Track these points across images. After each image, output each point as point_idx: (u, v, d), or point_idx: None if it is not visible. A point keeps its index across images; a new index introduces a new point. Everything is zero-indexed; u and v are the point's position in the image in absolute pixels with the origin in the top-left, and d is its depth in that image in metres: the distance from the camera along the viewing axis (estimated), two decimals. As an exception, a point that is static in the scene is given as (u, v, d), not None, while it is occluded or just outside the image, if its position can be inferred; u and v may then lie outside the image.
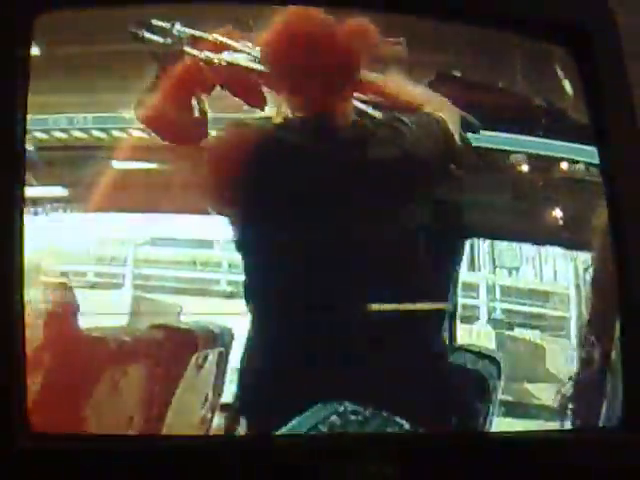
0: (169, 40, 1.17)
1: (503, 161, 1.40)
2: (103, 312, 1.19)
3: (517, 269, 1.51)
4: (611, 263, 1.14)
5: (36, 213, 1.18)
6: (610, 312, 1.19)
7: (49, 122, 1.20)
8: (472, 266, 1.46)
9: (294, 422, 1.07)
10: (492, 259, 1.49)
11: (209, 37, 1.18)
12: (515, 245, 1.48)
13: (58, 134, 1.21)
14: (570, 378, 1.29)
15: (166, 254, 1.26)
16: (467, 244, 1.43)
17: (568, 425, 1.31)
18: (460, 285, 1.40)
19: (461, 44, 1.32)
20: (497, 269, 1.49)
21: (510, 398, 1.36)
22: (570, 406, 1.29)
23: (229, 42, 1.18)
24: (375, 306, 1.26)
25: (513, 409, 1.36)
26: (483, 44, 1.30)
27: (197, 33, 1.18)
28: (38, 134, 1.19)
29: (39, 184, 1.19)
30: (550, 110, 1.37)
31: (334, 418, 1.08)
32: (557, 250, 1.45)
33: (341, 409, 1.09)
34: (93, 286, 1.23)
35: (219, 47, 1.18)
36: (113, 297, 1.24)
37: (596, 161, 1.18)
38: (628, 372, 1.13)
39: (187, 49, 1.17)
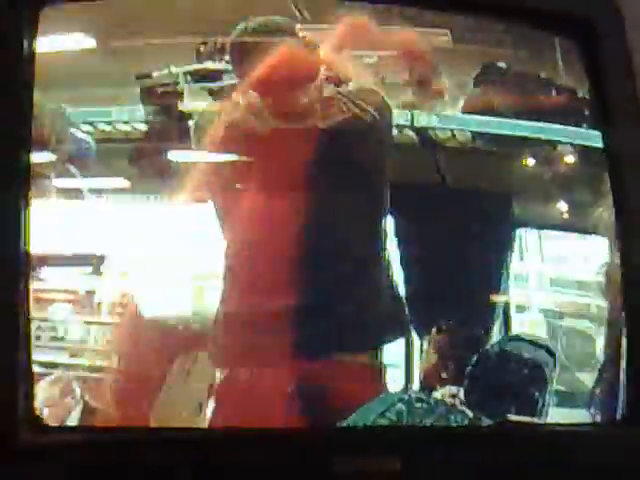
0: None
1: (549, 152, 1.40)
2: (169, 301, 1.21)
3: (565, 260, 1.51)
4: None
5: (99, 203, 1.20)
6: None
7: (112, 114, 1.22)
8: (521, 257, 1.47)
9: (362, 409, 1.09)
10: (540, 250, 1.50)
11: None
12: (563, 236, 1.49)
13: (121, 126, 1.23)
14: (613, 367, 1.30)
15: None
16: (517, 236, 1.45)
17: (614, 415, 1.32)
18: (512, 276, 1.41)
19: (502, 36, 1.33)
20: (546, 260, 1.50)
21: (562, 387, 1.37)
22: (614, 395, 1.29)
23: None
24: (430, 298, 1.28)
25: (565, 398, 1.36)
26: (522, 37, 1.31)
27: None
28: (102, 126, 1.21)
29: (105, 175, 1.21)
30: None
31: (400, 406, 1.09)
32: (603, 241, 1.46)
33: (406, 397, 1.10)
34: (158, 276, 1.25)
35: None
36: (178, 287, 1.26)
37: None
38: (631, 368, 1.14)
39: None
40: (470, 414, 1.11)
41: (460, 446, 1.03)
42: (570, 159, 1.40)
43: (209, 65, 1.25)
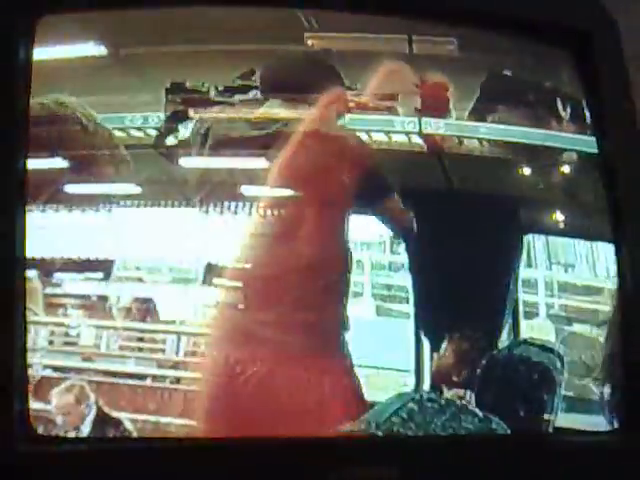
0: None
1: (555, 159, 1.41)
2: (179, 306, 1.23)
3: (573, 266, 1.52)
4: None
5: (110, 210, 1.21)
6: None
7: (126, 121, 1.23)
8: (529, 263, 1.48)
9: (375, 409, 1.10)
10: (548, 256, 1.50)
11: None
12: (570, 242, 1.50)
13: (134, 132, 1.25)
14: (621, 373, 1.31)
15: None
16: (524, 241, 1.45)
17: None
18: (521, 282, 1.42)
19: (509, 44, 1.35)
20: (553, 265, 1.51)
21: (571, 393, 1.37)
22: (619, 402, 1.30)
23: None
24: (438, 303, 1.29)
25: (574, 404, 1.37)
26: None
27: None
28: (116, 132, 1.23)
29: (113, 181, 1.23)
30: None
31: (411, 405, 1.10)
32: (610, 246, 1.46)
33: (417, 397, 1.12)
34: (167, 281, 1.26)
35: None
36: (188, 291, 1.27)
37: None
38: (628, 372, 1.14)
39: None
40: (480, 414, 1.12)
41: (459, 455, 1.04)
42: (575, 166, 1.41)
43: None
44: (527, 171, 1.42)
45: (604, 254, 1.44)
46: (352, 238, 1.33)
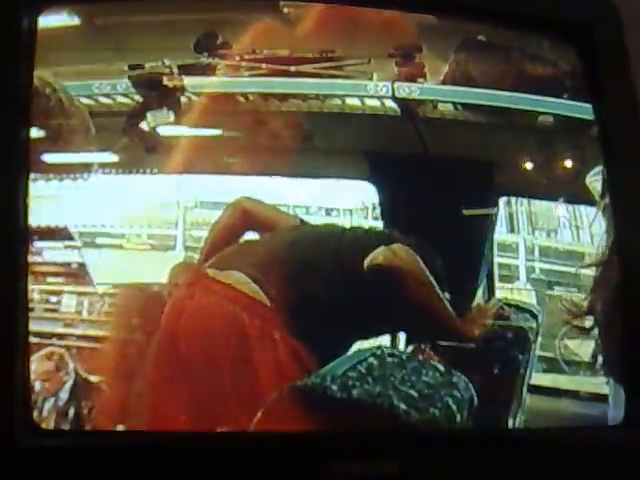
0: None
1: (532, 122, 1.42)
2: (156, 273, 1.24)
3: (555, 231, 1.53)
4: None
5: (87, 178, 1.23)
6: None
7: (93, 88, 1.25)
8: (511, 227, 1.49)
9: (332, 363, 1.10)
10: (530, 221, 1.51)
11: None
12: (552, 206, 1.51)
13: (104, 99, 1.26)
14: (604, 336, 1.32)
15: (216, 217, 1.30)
16: (504, 205, 1.46)
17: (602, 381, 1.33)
18: (499, 245, 1.43)
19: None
20: (535, 231, 1.52)
21: (550, 354, 1.38)
22: (603, 363, 1.31)
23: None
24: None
25: (553, 365, 1.38)
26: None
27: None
28: (85, 100, 1.24)
29: (89, 150, 1.24)
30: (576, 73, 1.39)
31: (372, 359, 1.11)
32: (593, 211, 1.47)
33: (378, 352, 1.12)
34: (146, 248, 1.28)
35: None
36: (165, 259, 1.29)
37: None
38: (630, 371, 1.16)
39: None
40: (442, 369, 1.13)
41: (459, 448, 1.05)
42: (552, 129, 1.42)
43: (203, 60, 1.28)
44: (503, 135, 1.43)
45: (587, 219, 1.45)
46: (335, 205, 1.35)
